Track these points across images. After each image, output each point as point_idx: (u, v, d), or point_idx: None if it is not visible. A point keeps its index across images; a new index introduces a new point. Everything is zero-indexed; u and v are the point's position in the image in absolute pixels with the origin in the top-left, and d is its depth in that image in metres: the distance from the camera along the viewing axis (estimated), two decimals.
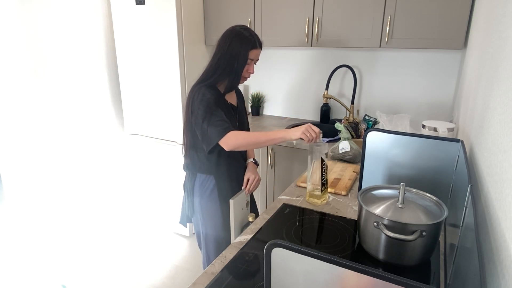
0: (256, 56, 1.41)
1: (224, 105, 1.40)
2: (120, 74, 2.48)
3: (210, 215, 1.49)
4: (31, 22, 2.03)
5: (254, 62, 1.43)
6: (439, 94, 2.13)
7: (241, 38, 1.36)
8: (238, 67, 1.37)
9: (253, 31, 1.41)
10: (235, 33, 1.37)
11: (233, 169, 1.51)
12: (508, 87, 0.74)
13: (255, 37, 1.39)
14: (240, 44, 1.35)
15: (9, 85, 2.13)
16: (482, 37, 1.28)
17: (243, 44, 1.36)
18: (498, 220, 0.65)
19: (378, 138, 1.17)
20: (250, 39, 1.37)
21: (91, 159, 2.52)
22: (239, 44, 1.35)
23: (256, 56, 1.41)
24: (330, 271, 0.52)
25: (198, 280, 0.91)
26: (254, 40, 1.38)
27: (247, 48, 1.36)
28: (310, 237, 1.09)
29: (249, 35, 1.38)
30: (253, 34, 1.39)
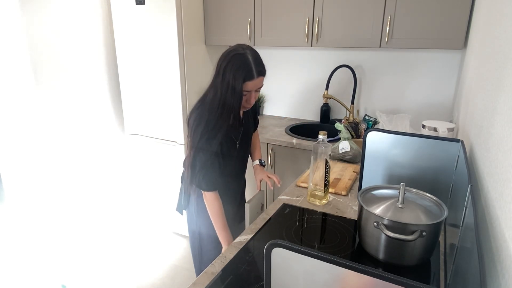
0: (254, 86, 1.24)
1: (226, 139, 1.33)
2: (120, 74, 2.48)
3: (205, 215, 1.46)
4: (31, 22, 2.03)
5: (257, 90, 1.27)
6: (439, 94, 2.13)
7: (235, 68, 1.19)
8: (234, 101, 1.22)
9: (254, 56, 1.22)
10: (229, 59, 1.21)
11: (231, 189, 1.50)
12: (508, 87, 0.74)
13: (252, 64, 1.20)
14: (234, 76, 1.19)
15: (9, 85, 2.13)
16: (482, 37, 1.28)
17: (236, 76, 1.18)
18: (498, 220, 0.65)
19: (378, 138, 1.17)
20: (244, 68, 1.19)
21: (91, 159, 2.52)
22: (232, 75, 1.19)
23: (254, 87, 1.23)
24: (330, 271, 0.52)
25: (198, 280, 0.91)
26: (249, 69, 1.19)
27: (240, 80, 1.19)
28: (310, 237, 1.09)
29: (244, 62, 1.19)
30: (250, 62, 1.20)
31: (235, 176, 1.50)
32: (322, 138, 1.23)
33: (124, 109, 2.56)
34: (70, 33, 2.26)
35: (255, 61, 1.22)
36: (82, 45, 2.35)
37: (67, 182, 2.38)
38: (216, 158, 1.31)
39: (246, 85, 1.21)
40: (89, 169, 2.52)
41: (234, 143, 1.41)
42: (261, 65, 1.25)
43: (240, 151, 1.46)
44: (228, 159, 1.40)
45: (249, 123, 1.50)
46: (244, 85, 1.21)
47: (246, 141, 1.50)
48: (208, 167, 1.29)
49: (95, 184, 2.58)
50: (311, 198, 1.30)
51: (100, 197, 2.64)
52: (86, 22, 2.35)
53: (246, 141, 1.49)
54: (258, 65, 1.23)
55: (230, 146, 1.38)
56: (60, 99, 2.26)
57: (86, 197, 2.53)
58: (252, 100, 1.29)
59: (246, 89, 1.23)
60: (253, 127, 1.57)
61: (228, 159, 1.40)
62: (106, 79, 2.55)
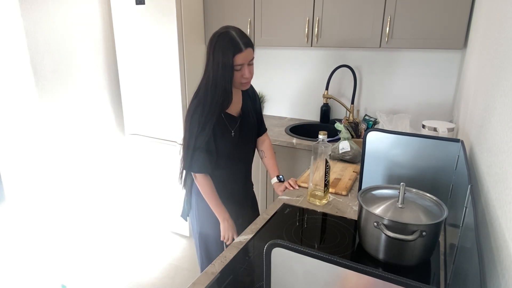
0: (245, 59, 1.26)
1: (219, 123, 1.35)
2: (120, 74, 2.48)
3: (205, 214, 1.48)
4: (31, 22, 2.03)
5: (249, 64, 1.29)
6: (439, 94, 2.13)
7: (222, 46, 1.23)
8: (226, 78, 1.25)
9: (237, 31, 1.27)
10: (215, 41, 1.25)
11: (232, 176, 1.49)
12: (508, 87, 0.74)
13: (239, 38, 1.24)
14: (223, 53, 1.23)
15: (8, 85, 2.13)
16: (482, 37, 1.28)
17: (225, 53, 1.23)
18: (498, 220, 0.65)
19: (378, 138, 1.17)
20: (231, 43, 1.23)
21: (91, 159, 2.52)
22: (221, 53, 1.23)
23: (244, 60, 1.26)
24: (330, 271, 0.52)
25: (198, 280, 0.91)
26: (236, 43, 1.23)
27: (230, 56, 1.22)
28: (310, 237, 1.09)
29: (230, 38, 1.23)
30: (235, 36, 1.24)
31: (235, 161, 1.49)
32: (322, 138, 1.23)
33: (124, 109, 2.56)
34: (70, 33, 2.26)
35: (240, 35, 1.26)
36: (82, 45, 2.35)
37: (67, 182, 2.38)
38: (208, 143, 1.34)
39: (236, 59, 1.24)
40: (89, 169, 2.52)
41: (228, 132, 1.40)
42: (246, 37, 1.28)
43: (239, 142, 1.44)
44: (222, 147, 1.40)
45: (249, 117, 1.49)
46: (234, 59, 1.24)
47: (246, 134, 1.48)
48: (200, 150, 1.34)
49: (95, 184, 2.58)
50: (311, 198, 1.30)
51: (100, 197, 2.64)
52: (86, 22, 2.35)
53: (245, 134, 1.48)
54: (244, 38, 1.26)
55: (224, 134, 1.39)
56: (60, 99, 2.26)
57: (86, 197, 2.53)
58: (247, 73, 1.29)
59: (238, 63, 1.25)
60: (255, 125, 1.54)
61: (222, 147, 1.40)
62: (106, 79, 2.55)
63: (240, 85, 1.34)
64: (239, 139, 1.44)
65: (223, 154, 1.41)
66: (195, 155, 1.34)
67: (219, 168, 1.43)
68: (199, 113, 1.31)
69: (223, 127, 1.39)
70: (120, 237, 2.63)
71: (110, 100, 2.60)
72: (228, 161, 1.45)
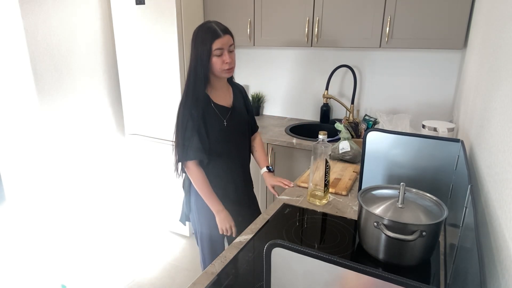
0: (224, 44, 1.33)
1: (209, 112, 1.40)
2: (120, 74, 2.48)
3: (205, 214, 1.48)
4: (30, 22, 2.03)
5: (229, 50, 1.35)
6: (439, 94, 2.13)
7: (202, 35, 1.32)
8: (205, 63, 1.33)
9: (215, 22, 1.36)
10: (196, 31, 1.35)
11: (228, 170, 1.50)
12: (508, 87, 0.74)
13: (216, 26, 1.33)
14: (202, 41, 1.32)
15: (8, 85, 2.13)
16: (482, 37, 1.28)
17: (204, 40, 1.31)
18: (498, 220, 0.65)
19: (378, 138, 1.17)
20: (208, 31, 1.32)
21: (91, 159, 2.52)
22: (201, 41, 1.32)
23: (223, 45, 1.33)
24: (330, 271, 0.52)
25: (198, 280, 0.91)
26: (214, 30, 1.31)
27: (208, 42, 1.31)
28: (310, 237, 1.09)
29: (208, 27, 1.33)
30: (212, 25, 1.33)
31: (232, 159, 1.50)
32: (322, 138, 1.23)
33: (124, 109, 2.56)
34: (70, 33, 2.26)
35: (218, 24, 1.35)
36: (82, 45, 2.35)
37: (67, 182, 2.38)
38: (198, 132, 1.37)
39: (215, 44, 1.31)
40: (89, 169, 2.52)
41: (220, 121, 1.43)
42: (224, 26, 1.36)
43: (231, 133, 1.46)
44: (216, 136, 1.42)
45: (241, 110, 1.53)
46: (213, 44, 1.31)
47: (238, 126, 1.50)
48: (190, 139, 1.37)
49: (95, 184, 2.58)
50: (311, 198, 1.30)
51: (100, 197, 2.64)
52: (86, 22, 2.35)
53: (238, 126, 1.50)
54: (222, 25, 1.35)
55: (215, 122, 1.41)
56: (59, 99, 2.26)
57: (86, 197, 2.53)
58: (227, 58, 1.35)
59: (217, 47, 1.32)
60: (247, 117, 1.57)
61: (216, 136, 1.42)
62: (106, 79, 2.55)
63: (222, 71, 1.37)
64: (232, 130, 1.46)
65: (216, 145, 1.43)
66: (186, 144, 1.38)
67: (214, 162, 1.45)
68: (183, 104, 1.37)
69: (214, 117, 1.42)
70: (120, 237, 2.63)
71: (110, 100, 2.60)
72: (223, 155, 1.46)
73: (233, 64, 1.40)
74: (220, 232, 1.45)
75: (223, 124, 1.44)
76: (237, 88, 1.57)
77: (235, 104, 1.50)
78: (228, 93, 1.50)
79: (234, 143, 1.49)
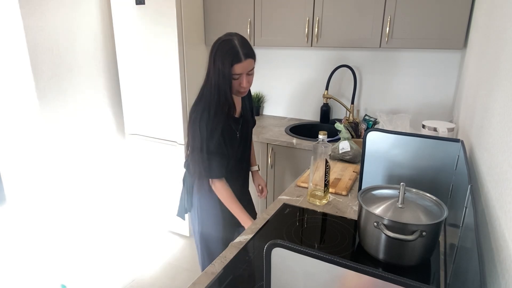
0: (244, 69, 1.25)
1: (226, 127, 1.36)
2: (120, 74, 2.48)
3: (208, 214, 1.48)
4: (30, 22, 2.03)
5: (248, 73, 1.29)
6: (439, 94, 2.13)
7: (222, 54, 1.23)
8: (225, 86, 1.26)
9: (240, 40, 1.26)
10: (216, 47, 1.26)
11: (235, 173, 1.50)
12: (508, 87, 0.74)
13: (239, 48, 1.23)
14: (222, 62, 1.22)
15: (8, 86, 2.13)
16: (482, 37, 1.28)
17: (224, 61, 1.22)
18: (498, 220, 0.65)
19: (378, 138, 1.16)
20: (231, 52, 1.22)
21: (91, 159, 2.52)
22: (221, 62, 1.23)
23: (243, 70, 1.25)
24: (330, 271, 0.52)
25: (198, 280, 0.91)
26: (236, 52, 1.22)
27: (228, 65, 1.22)
28: (310, 237, 1.09)
29: (231, 47, 1.23)
30: (236, 45, 1.23)
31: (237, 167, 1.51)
32: (322, 138, 1.22)
33: (124, 109, 2.56)
34: (70, 33, 2.26)
35: (242, 44, 1.25)
36: (82, 45, 2.35)
37: (67, 182, 2.38)
38: (220, 147, 1.34)
39: (234, 69, 1.24)
40: (89, 169, 2.52)
41: (234, 133, 1.43)
42: (249, 47, 1.27)
43: (241, 142, 1.47)
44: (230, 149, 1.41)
45: (247, 116, 1.52)
46: (232, 68, 1.23)
47: (246, 133, 1.52)
48: (215, 155, 1.33)
49: (95, 184, 2.58)
50: (311, 198, 1.30)
51: (99, 197, 2.64)
52: (86, 22, 2.35)
53: (246, 134, 1.51)
54: (245, 48, 1.25)
55: (231, 136, 1.40)
56: (59, 99, 2.26)
57: (86, 197, 2.53)
58: (245, 83, 1.29)
59: (236, 73, 1.25)
60: (252, 123, 1.58)
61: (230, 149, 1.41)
62: (106, 79, 2.55)
63: (237, 92, 1.34)
64: (241, 139, 1.47)
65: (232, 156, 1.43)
66: (210, 161, 1.32)
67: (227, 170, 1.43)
68: (205, 119, 1.29)
69: (230, 130, 1.40)
70: (120, 237, 2.63)
71: (110, 100, 2.60)
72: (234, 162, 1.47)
73: (249, 87, 1.35)
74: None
75: (237, 136, 1.43)
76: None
77: (243, 113, 1.49)
78: (238, 102, 1.46)
79: (242, 150, 1.50)
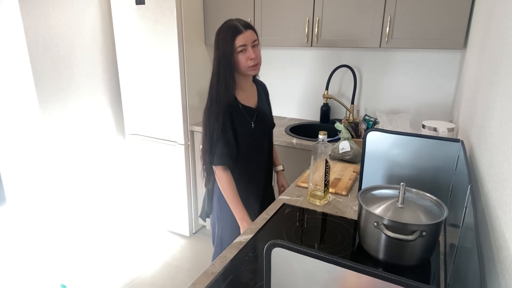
0: (246, 40, 1.29)
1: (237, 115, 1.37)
2: (120, 74, 2.48)
3: (227, 217, 1.45)
4: (30, 22, 2.03)
5: (253, 45, 1.32)
6: (439, 94, 2.13)
7: (223, 33, 1.29)
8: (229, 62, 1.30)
9: (236, 19, 1.33)
10: (218, 31, 1.32)
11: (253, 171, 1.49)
12: (508, 87, 0.74)
13: (237, 22, 1.30)
14: (224, 38, 1.29)
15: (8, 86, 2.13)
16: (482, 37, 1.28)
17: (227, 37, 1.28)
18: (498, 220, 0.65)
19: (378, 138, 1.16)
20: (231, 27, 1.29)
21: (91, 159, 2.52)
22: (222, 40, 1.29)
23: (246, 40, 1.29)
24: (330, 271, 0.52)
25: (198, 280, 0.91)
26: (235, 26, 1.28)
27: (230, 40, 1.27)
28: (310, 237, 1.09)
29: (229, 25, 1.30)
30: (233, 21, 1.30)
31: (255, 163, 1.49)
32: (322, 138, 1.22)
33: (124, 109, 2.56)
34: (70, 33, 2.26)
35: (239, 21, 1.32)
36: (82, 45, 2.35)
37: (66, 182, 2.38)
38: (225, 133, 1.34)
39: (237, 41, 1.28)
40: (89, 169, 2.52)
41: (248, 123, 1.41)
42: (246, 22, 1.33)
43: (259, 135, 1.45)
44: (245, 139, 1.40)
45: (265, 110, 1.51)
46: (235, 42, 1.28)
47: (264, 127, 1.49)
48: (218, 142, 1.34)
49: (95, 184, 2.58)
50: (311, 198, 1.30)
51: (99, 197, 2.64)
52: (86, 22, 2.35)
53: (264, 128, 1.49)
54: (243, 21, 1.32)
55: (244, 124, 1.39)
56: (59, 99, 2.26)
57: (86, 197, 2.53)
58: (252, 53, 1.30)
59: (240, 44, 1.28)
60: (270, 116, 1.57)
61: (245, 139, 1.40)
62: (106, 79, 2.55)
63: (248, 69, 1.33)
64: (259, 132, 1.45)
65: (243, 147, 1.41)
66: (214, 147, 1.35)
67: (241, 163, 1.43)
68: (208, 109, 1.34)
69: (243, 119, 1.39)
70: (120, 237, 2.63)
71: (110, 100, 2.60)
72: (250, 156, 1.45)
73: (259, 60, 1.35)
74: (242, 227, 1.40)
75: (251, 126, 1.42)
76: (261, 86, 1.54)
77: (260, 104, 1.47)
78: (253, 92, 1.47)
79: (260, 145, 1.49)
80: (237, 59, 1.30)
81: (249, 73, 1.36)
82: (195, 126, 2.39)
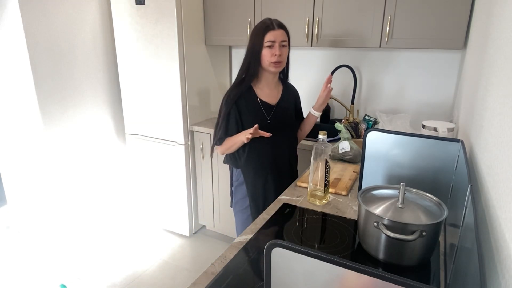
0: (276, 37, 1.40)
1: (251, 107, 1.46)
2: (120, 74, 2.48)
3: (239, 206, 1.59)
4: (30, 22, 2.03)
5: (281, 45, 1.41)
6: (439, 94, 2.13)
7: (257, 28, 1.41)
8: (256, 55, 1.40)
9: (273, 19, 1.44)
10: (255, 26, 1.44)
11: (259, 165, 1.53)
12: (508, 87, 0.74)
13: (271, 21, 1.41)
14: (256, 33, 1.41)
15: (8, 86, 2.13)
16: (482, 37, 1.28)
17: (258, 32, 1.40)
18: (498, 220, 0.65)
19: (378, 138, 1.16)
20: (263, 24, 1.40)
21: (91, 159, 2.52)
22: (255, 34, 1.41)
23: (275, 37, 1.40)
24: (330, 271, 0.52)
25: (198, 280, 0.91)
26: (268, 24, 1.40)
27: (261, 34, 1.39)
28: (310, 237, 1.09)
29: (264, 22, 1.42)
30: (268, 20, 1.42)
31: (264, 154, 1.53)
32: (322, 138, 1.23)
33: (124, 109, 2.56)
34: (70, 33, 2.26)
35: (274, 20, 1.43)
36: (82, 45, 2.35)
37: (67, 182, 2.38)
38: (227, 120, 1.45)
39: (267, 36, 1.39)
40: (89, 169, 2.52)
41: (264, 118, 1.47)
42: (281, 22, 1.44)
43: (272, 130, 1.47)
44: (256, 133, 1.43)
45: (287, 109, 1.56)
46: (265, 36, 1.38)
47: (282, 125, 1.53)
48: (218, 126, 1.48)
49: (95, 184, 2.58)
50: (311, 198, 1.30)
51: (99, 197, 2.64)
52: (86, 22, 2.35)
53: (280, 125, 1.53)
54: (278, 21, 1.42)
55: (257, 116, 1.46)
56: (59, 99, 2.26)
57: (86, 197, 2.53)
58: (277, 51, 1.39)
59: (269, 40, 1.39)
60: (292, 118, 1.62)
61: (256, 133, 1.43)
62: (106, 79, 2.55)
63: (270, 64, 1.41)
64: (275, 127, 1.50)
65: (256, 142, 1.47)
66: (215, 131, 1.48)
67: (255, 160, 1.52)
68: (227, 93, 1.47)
69: (259, 112, 1.46)
70: (120, 237, 2.63)
71: (110, 100, 2.60)
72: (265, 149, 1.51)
73: (282, 59, 1.43)
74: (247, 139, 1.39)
75: (267, 121, 1.48)
76: (290, 89, 1.61)
77: (280, 103, 1.53)
78: (276, 90, 1.54)
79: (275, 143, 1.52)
80: (263, 53, 1.40)
81: (270, 68, 1.43)
82: (195, 126, 2.39)
